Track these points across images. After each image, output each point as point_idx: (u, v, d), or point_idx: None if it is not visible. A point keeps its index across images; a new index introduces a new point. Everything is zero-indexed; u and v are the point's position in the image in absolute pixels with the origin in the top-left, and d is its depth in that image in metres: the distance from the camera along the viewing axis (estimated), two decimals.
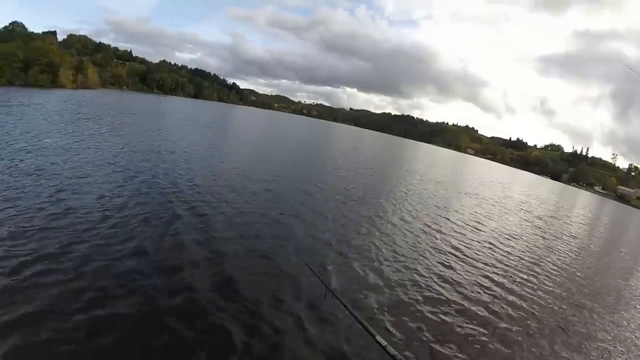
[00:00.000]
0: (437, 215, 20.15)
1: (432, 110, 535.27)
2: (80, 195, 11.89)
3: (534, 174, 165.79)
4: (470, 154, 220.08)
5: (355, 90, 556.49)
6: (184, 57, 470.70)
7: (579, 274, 15.63)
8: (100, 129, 27.49)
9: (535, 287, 12.47)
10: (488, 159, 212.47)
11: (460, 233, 17.41)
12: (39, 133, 20.84)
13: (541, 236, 21.46)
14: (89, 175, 14.26)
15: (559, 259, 17.18)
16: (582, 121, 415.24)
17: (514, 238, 19.01)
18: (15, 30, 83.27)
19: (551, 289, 12.76)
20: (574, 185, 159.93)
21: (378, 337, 3.01)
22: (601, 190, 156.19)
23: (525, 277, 13.27)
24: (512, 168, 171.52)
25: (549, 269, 15.02)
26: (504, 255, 15.33)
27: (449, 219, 19.72)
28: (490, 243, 16.85)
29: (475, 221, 20.87)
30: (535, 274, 13.92)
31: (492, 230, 19.59)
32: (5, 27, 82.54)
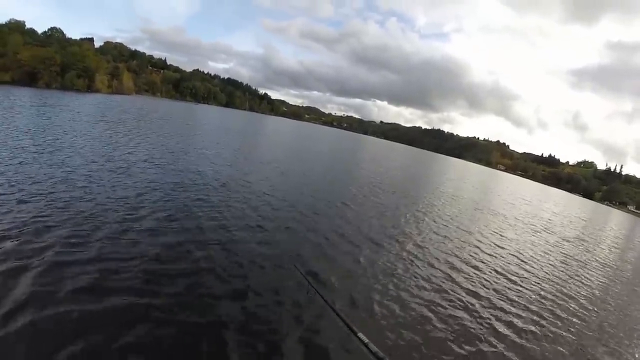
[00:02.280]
0: (455, 230, 18.54)
1: (462, 124, 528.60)
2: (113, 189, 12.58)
3: (565, 192, 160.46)
4: (501, 170, 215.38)
5: (385, 102, 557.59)
6: (217, 67, 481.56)
7: (607, 306, 13.36)
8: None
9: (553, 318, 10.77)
10: (519, 175, 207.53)
11: (482, 250, 16.10)
12: (77, 131, 21.85)
13: (566, 260, 19.02)
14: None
15: (585, 288, 14.82)
16: (615, 136, 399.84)
17: (534, 261, 16.70)
18: (54, 35, 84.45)
19: (573, 322, 10.94)
20: (606, 204, 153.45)
21: (360, 335, 3.03)
22: (635, 210, 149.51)
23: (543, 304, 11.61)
24: (543, 185, 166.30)
25: (571, 298, 13.00)
26: (522, 279, 13.65)
27: (467, 236, 18.06)
28: (509, 264, 15.18)
29: (501, 241, 18.95)
30: (554, 303, 12.05)
31: (513, 252, 17.36)
32: (44, 32, 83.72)
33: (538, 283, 13.56)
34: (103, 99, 58.83)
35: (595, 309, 12.47)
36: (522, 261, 16.04)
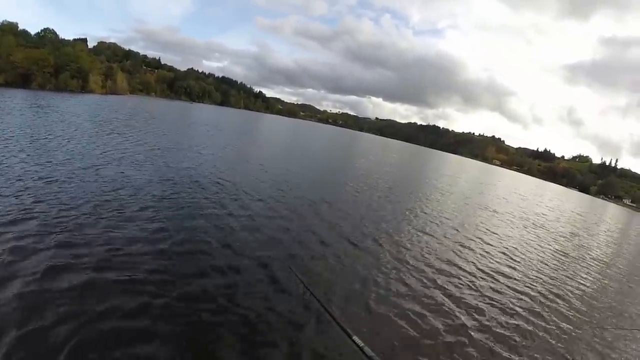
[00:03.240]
0: (447, 227, 18.65)
1: (457, 120, 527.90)
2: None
3: (561, 186, 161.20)
4: (497, 165, 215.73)
5: (380, 99, 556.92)
6: (212, 66, 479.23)
7: (603, 298, 13.81)
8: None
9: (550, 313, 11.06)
10: (514, 170, 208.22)
11: (481, 246, 16.41)
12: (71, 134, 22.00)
13: (563, 254, 19.48)
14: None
15: (580, 281, 15.23)
16: (610, 131, 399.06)
17: (530, 253, 17.41)
18: (47, 36, 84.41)
19: (569, 317, 11.21)
20: (602, 198, 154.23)
21: (355, 338, 2.94)
22: (630, 204, 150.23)
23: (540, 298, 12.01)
24: (539, 180, 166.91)
25: (567, 292, 13.32)
26: (517, 271, 14.18)
27: (461, 232, 18.18)
28: (506, 257, 15.72)
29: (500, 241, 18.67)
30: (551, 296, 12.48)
31: (508, 245, 17.88)
32: (37, 33, 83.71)
33: (539, 277, 13.94)
34: (96, 100, 59.06)
35: (591, 303, 12.69)
36: (522, 257, 16.32)
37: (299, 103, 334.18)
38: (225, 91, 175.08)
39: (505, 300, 10.89)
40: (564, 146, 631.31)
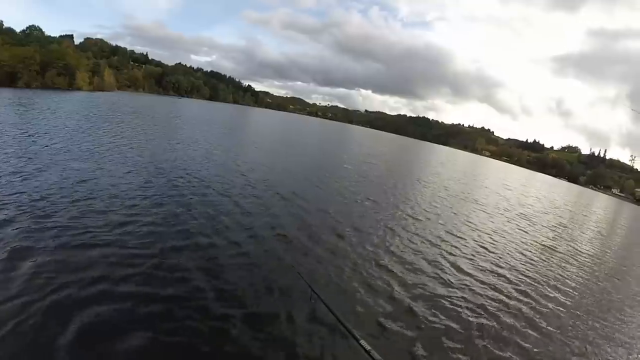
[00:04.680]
0: (447, 216, 19.67)
1: (447, 112, 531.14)
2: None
3: (551, 177, 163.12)
4: (487, 156, 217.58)
5: (370, 92, 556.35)
6: (200, 60, 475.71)
7: (598, 282, 14.86)
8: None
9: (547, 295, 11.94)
10: (504, 161, 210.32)
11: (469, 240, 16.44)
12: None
13: (554, 241, 20.45)
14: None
15: (575, 266, 16.42)
16: (599, 122, 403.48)
17: (530, 247, 17.76)
18: (33, 33, 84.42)
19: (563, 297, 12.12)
20: (591, 188, 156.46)
21: (362, 342, 2.98)
22: (619, 193, 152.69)
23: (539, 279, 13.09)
24: (529, 170, 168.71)
25: (561, 277, 14.27)
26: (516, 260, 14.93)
27: (458, 225, 18.74)
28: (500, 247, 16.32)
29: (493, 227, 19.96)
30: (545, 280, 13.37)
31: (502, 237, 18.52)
32: (23, 30, 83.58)
33: (533, 269, 14.34)
34: (82, 97, 59.16)
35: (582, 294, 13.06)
36: (518, 249, 16.78)
37: (288, 96, 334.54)
38: (214, 86, 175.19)
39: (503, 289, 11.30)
40: (553, 137, 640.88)
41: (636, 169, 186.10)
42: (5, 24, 77.01)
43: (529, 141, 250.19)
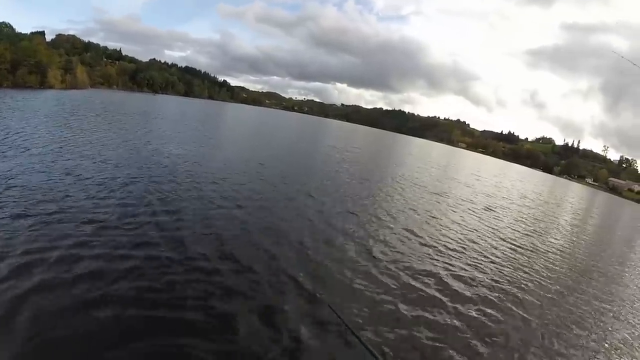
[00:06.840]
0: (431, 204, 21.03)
1: (423, 104, 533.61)
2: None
3: (526, 167, 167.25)
4: (462, 148, 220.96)
5: (345, 85, 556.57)
6: (174, 55, 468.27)
7: (577, 264, 16.38)
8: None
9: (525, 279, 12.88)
10: (480, 152, 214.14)
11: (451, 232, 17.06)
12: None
13: (533, 229, 21.83)
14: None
15: (554, 252, 17.70)
16: (572, 114, 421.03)
17: (504, 231, 19.32)
18: (3, 31, 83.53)
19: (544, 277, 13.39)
20: (565, 178, 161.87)
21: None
22: (593, 182, 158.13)
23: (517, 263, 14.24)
24: (504, 161, 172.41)
25: (539, 263, 15.28)
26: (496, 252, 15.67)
27: (441, 215, 19.82)
28: (481, 238, 17.26)
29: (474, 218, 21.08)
30: (524, 265, 14.52)
31: (482, 226, 19.61)
32: None
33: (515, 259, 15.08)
34: (53, 95, 58.42)
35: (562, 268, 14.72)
36: (504, 239, 17.82)
37: (264, 91, 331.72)
38: (188, 81, 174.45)
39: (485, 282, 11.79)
40: (528, 128, 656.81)
41: (609, 159, 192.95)
42: None
43: (504, 133, 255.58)
